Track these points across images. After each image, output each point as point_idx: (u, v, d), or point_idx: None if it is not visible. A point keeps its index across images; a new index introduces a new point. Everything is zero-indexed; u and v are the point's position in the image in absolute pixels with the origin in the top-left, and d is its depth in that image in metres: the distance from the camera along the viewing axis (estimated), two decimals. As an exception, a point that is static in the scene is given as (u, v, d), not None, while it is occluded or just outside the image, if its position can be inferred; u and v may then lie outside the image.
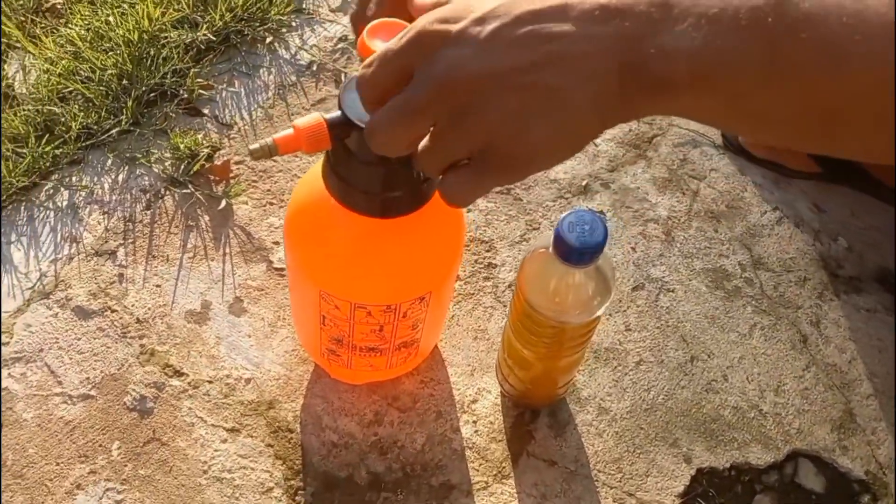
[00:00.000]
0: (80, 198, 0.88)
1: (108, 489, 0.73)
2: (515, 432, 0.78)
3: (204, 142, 0.92)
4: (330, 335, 0.69)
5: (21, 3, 1.02)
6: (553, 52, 0.35)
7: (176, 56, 0.96)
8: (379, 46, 0.46)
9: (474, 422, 0.78)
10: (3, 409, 0.76)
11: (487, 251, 0.88)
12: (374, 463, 0.75)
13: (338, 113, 0.51)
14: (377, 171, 0.55)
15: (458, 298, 0.85)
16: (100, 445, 0.75)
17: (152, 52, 0.96)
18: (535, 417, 0.79)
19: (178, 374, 0.79)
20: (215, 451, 0.75)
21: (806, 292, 0.89)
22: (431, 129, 0.40)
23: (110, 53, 0.95)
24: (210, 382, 0.78)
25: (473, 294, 0.85)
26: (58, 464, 0.74)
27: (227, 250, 0.86)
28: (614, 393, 0.81)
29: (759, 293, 0.88)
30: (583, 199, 0.92)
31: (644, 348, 0.84)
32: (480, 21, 0.37)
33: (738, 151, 0.97)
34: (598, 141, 0.96)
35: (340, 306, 0.64)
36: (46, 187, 0.89)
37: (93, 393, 0.77)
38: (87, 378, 0.78)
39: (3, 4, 1.00)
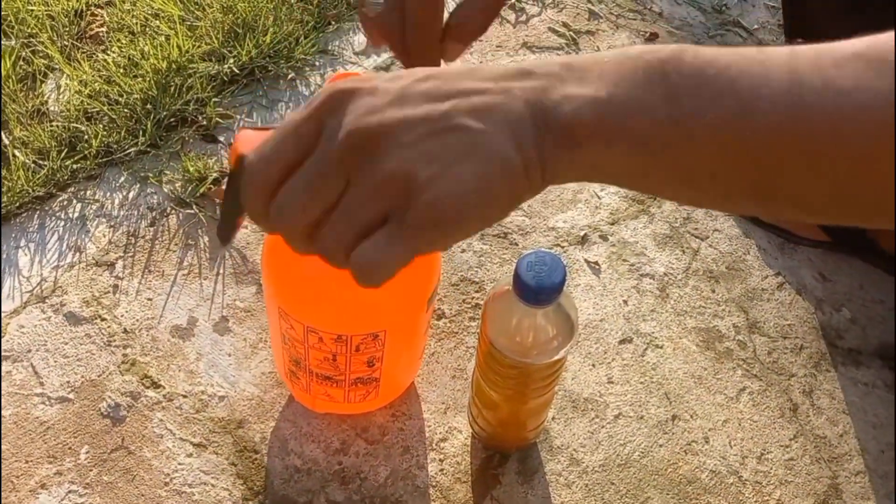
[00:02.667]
0: (91, 210, 0.92)
1: (70, 491, 0.74)
2: (481, 475, 0.76)
3: (214, 166, 0.95)
4: (290, 355, 0.70)
5: (67, 29, 1.08)
6: (465, 101, 0.35)
7: (199, 85, 1.00)
8: None
9: (441, 460, 0.77)
10: (-15, 404, 0.78)
11: (476, 292, 0.88)
12: (335, 492, 0.75)
13: None
14: None
15: (441, 336, 0.85)
16: (69, 448, 0.76)
17: (178, 81, 1.00)
18: (504, 462, 0.77)
19: (155, 385, 0.80)
20: (179, 464, 0.76)
21: (801, 360, 0.85)
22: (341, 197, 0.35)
23: (138, 79, 1.00)
24: (184, 397, 0.79)
25: (457, 333, 0.85)
26: (27, 462, 0.75)
27: (221, 270, 0.87)
28: (588, 444, 0.79)
29: (751, 357, 0.85)
30: (579, 249, 0.92)
31: (625, 402, 0.81)
32: (392, 79, 0.36)
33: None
34: (601, 194, 0.96)
35: (295, 327, 0.65)
36: (61, 198, 0.93)
37: (71, 396, 0.79)
38: (68, 381, 0.80)
39: (48, 29, 1.07)
